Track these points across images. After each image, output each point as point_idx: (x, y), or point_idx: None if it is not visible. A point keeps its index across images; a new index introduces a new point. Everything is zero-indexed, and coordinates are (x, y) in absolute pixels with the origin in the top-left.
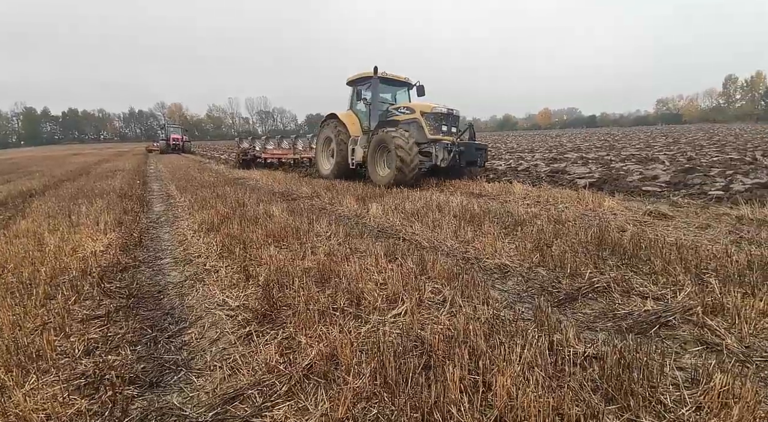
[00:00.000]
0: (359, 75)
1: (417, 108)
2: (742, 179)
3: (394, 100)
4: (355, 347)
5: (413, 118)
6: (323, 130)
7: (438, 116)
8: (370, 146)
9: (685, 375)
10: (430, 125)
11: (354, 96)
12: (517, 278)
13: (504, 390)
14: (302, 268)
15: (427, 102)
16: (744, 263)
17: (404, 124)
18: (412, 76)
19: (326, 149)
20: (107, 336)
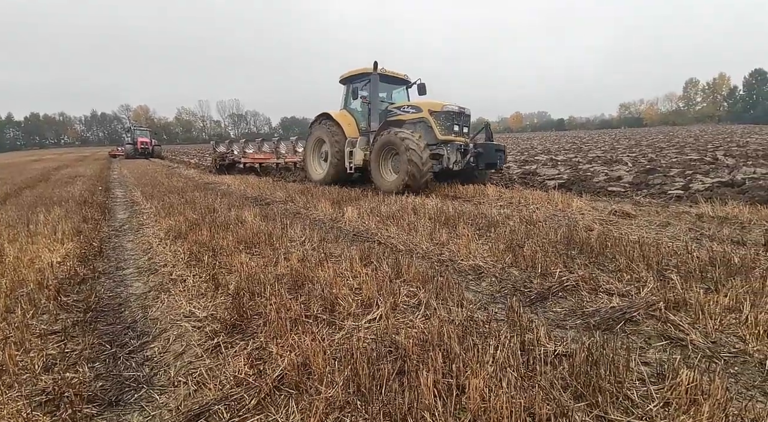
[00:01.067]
0: (355, 71)
1: (425, 106)
2: (702, 179)
3: (390, 99)
4: (329, 355)
5: (420, 117)
6: (314, 131)
7: (449, 115)
8: (373, 149)
9: (650, 369)
10: (440, 125)
11: (349, 94)
12: (491, 279)
13: (477, 392)
14: (275, 275)
15: (435, 100)
16: (706, 259)
17: (410, 124)
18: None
19: (317, 152)
20: (65, 352)
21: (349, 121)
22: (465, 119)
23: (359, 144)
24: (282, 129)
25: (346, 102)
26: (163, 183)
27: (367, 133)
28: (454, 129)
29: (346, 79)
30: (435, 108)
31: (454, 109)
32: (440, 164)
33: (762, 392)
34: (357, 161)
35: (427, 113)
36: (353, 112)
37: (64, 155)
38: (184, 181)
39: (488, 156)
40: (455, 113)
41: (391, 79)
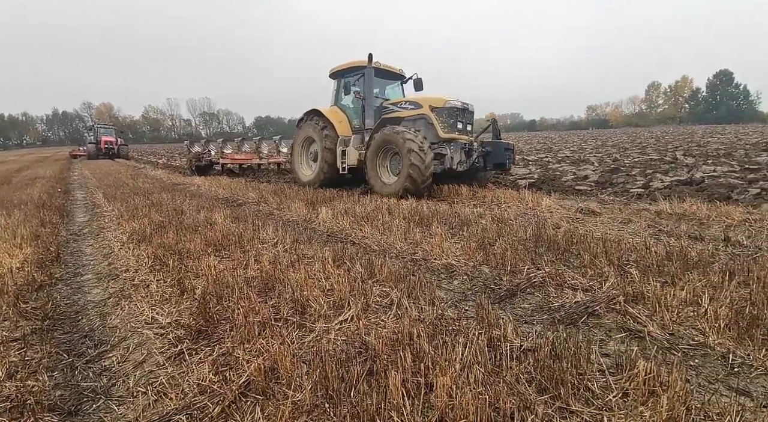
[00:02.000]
0: (347, 65)
1: (425, 102)
2: (661, 178)
3: (384, 95)
4: (298, 358)
5: (420, 114)
6: (302, 129)
7: (452, 112)
8: (369, 148)
9: (610, 361)
10: (442, 122)
11: (340, 90)
12: (463, 277)
13: (444, 390)
14: (244, 278)
15: (436, 95)
16: (663, 254)
17: (408, 121)
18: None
19: (306, 151)
20: (25, 360)
21: (340, 118)
22: (469, 116)
23: (353, 143)
24: (256, 128)
25: (336, 98)
26: (127, 184)
27: (362, 131)
28: (457, 127)
29: (336, 73)
30: (437, 104)
31: (457, 105)
32: (442, 164)
33: (727, 386)
34: (351, 161)
35: (428, 109)
36: (345, 108)
37: (26, 156)
38: (150, 182)
39: (497, 155)
40: (459, 110)
41: (384, 73)
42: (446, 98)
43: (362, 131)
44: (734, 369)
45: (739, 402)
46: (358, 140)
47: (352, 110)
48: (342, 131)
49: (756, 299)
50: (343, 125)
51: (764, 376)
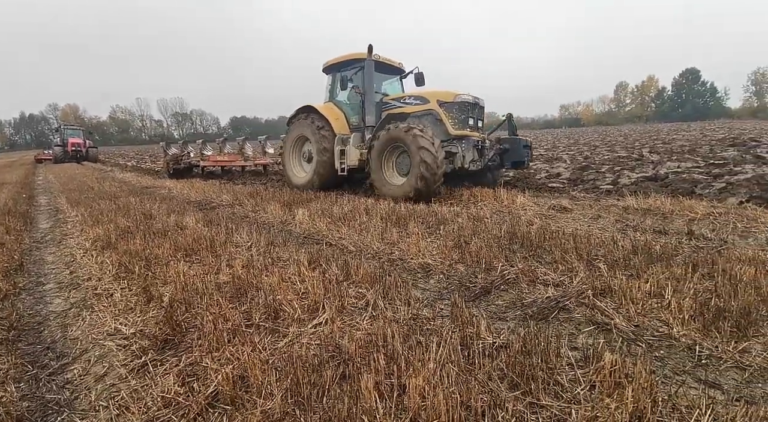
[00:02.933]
0: (344, 57)
1: (432, 97)
2: (628, 174)
3: (380, 90)
4: (270, 365)
5: (428, 109)
6: (294, 128)
7: (464, 107)
8: (373, 147)
9: (578, 354)
10: (453, 118)
11: (336, 84)
12: (439, 276)
13: (417, 391)
14: (216, 283)
15: (445, 89)
16: (629, 248)
17: (414, 118)
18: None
19: (298, 151)
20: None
21: (337, 115)
22: (480, 112)
23: (353, 142)
24: (232, 129)
25: (331, 94)
26: (92, 188)
27: (362, 128)
28: (468, 123)
29: (331, 66)
30: (446, 98)
31: (468, 99)
32: (452, 163)
33: (695, 378)
34: (351, 161)
35: (436, 104)
36: (341, 105)
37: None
38: (118, 185)
39: (516, 153)
40: (470, 104)
41: (383, 67)
42: (456, 92)
43: (362, 128)
44: (702, 360)
45: (710, 395)
46: (358, 138)
47: (350, 106)
48: (339, 129)
49: (721, 291)
50: (340, 122)
51: (735, 369)
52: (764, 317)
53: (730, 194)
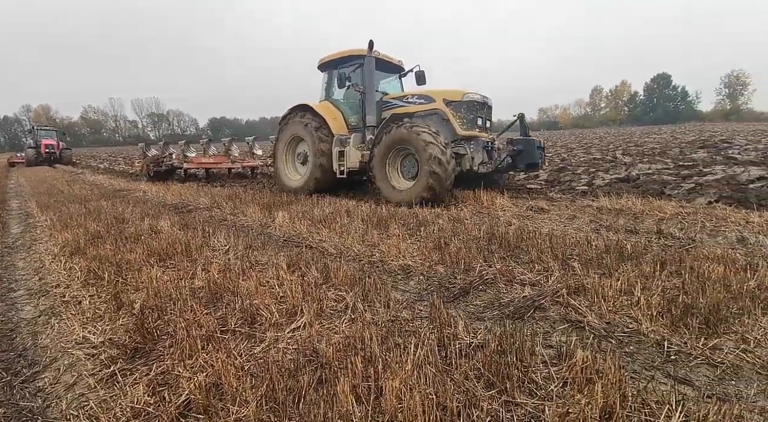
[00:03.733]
0: (342, 54)
1: (438, 96)
2: (602, 176)
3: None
4: (246, 371)
5: (433, 108)
6: (287, 128)
7: (472, 106)
8: (377, 148)
9: (553, 352)
10: (461, 118)
11: (332, 82)
12: (419, 278)
13: (393, 393)
14: (190, 289)
15: (451, 87)
16: (602, 247)
17: (418, 117)
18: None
19: (292, 153)
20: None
21: (334, 114)
22: (488, 111)
23: (353, 142)
24: (211, 130)
25: (327, 92)
26: (63, 191)
27: (361, 129)
28: (477, 123)
29: (328, 63)
30: (453, 97)
31: (477, 98)
32: (459, 165)
33: (664, 373)
34: (352, 164)
35: (442, 103)
36: (338, 104)
37: None
38: (89, 188)
39: (530, 155)
40: (479, 104)
41: (382, 64)
42: (464, 90)
43: (362, 128)
44: (671, 356)
45: (680, 390)
46: (358, 138)
47: (348, 105)
48: (337, 129)
49: (689, 288)
50: (338, 122)
51: (706, 366)
52: (735, 314)
53: (698, 195)
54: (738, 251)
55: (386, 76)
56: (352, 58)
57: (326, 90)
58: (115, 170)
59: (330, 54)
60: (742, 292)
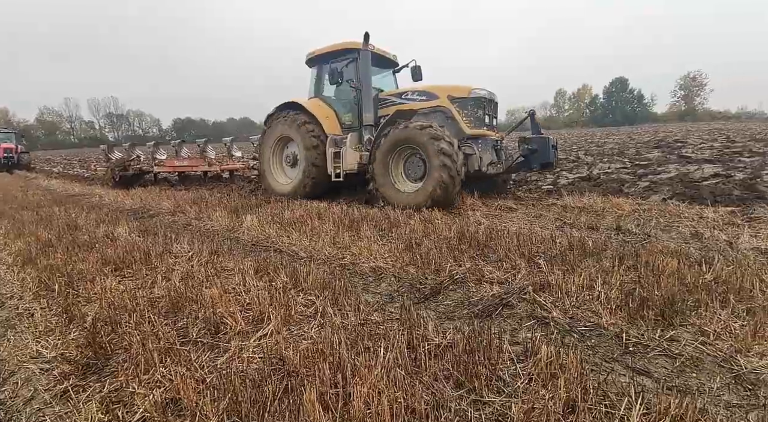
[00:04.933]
0: (334, 47)
1: (441, 92)
2: (566, 175)
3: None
4: (207, 384)
5: (437, 105)
6: (274, 127)
7: (479, 102)
8: (379, 148)
9: (519, 349)
10: (467, 115)
11: (322, 78)
12: (390, 279)
13: (362, 399)
14: (148, 299)
15: (456, 83)
16: (566, 244)
17: (420, 115)
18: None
19: (279, 154)
20: None
21: (326, 113)
22: (494, 108)
23: (350, 143)
24: (175, 131)
25: (317, 89)
26: (17, 198)
27: (358, 128)
28: (485, 121)
29: (317, 58)
30: (458, 93)
31: (484, 94)
32: (465, 166)
33: (623, 365)
34: (349, 166)
35: (446, 99)
36: (329, 101)
37: None
38: (42, 194)
39: (545, 154)
40: (486, 100)
41: (375, 59)
42: (470, 86)
43: (358, 128)
44: (629, 348)
45: (639, 382)
46: (355, 138)
47: (341, 103)
48: (330, 129)
49: (645, 282)
50: (331, 121)
51: (664, 357)
52: (691, 307)
53: (653, 192)
54: (692, 246)
55: (380, 72)
56: (346, 51)
57: (316, 87)
58: (70, 174)
59: (320, 47)
60: (697, 285)
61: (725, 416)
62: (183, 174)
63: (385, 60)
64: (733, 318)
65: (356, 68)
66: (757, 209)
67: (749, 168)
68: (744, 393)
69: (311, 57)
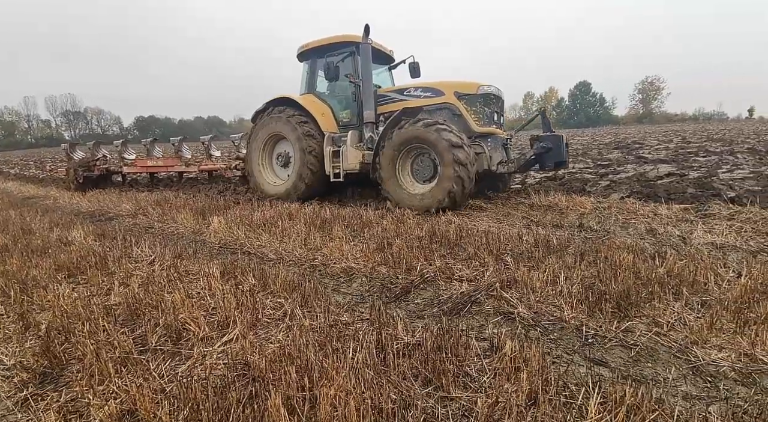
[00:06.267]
0: (330, 40)
1: (447, 88)
2: (534, 175)
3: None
4: (167, 393)
5: (443, 102)
6: (264, 124)
7: (488, 99)
8: (386, 148)
9: (486, 344)
10: (476, 113)
11: (315, 73)
12: (362, 279)
13: (329, 401)
14: (104, 307)
15: (462, 79)
16: (532, 242)
17: (425, 112)
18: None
19: (269, 154)
20: None
21: (322, 109)
22: (501, 106)
23: (350, 141)
24: (138, 130)
25: (310, 84)
26: None
27: (355, 125)
28: (494, 119)
29: (311, 51)
30: (466, 90)
31: (493, 91)
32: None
33: (583, 356)
34: (350, 165)
35: (453, 96)
36: (324, 97)
37: None
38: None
39: (558, 152)
40: (494, 97)
41: (373, 54)
42: (478, 82)
43: (356, 125)
44: (588, 340)
45: (597, 372)
46: (355, 136)
47: (337, 99)
48: (327, 127)
49: (603, 276)
50: (327, 118)
51: (620, 347)
52: (644, 299)
53: (613, 191)
54: (647, 241)
55: (376, 68)
56: (342, 44)
57: (308, 82)
58: (26, 175)
59: (314, 40)
60: (651, 278)
61: (684, 407)
62: (155, 175)
63: (381, 55)
64: (687, 310)
65: (354, 63)
66: (712, 206)
67: (704, 167)
68: (704, 385)
69: (303, 51)
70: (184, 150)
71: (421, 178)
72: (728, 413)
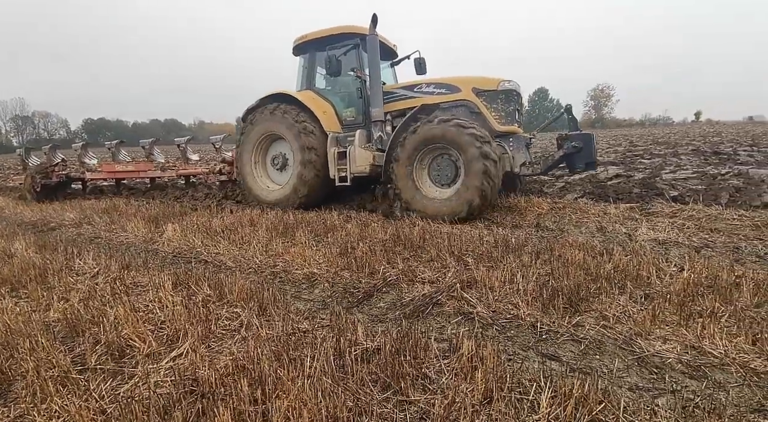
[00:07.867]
0: (331, 31)
1: (465, 84)
2: None
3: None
4: (108, 415)
5: (460, 99)
6: (256, 124)
7: (510, 96)
8: (401, 148)
9: (445, 345)
10: (496, 111)
11: (314, 68)
12: (324, 285)
13: (282, 414)
14: (43, 323)
15: (481, 75)
16: (492, 242)
17: (441, 110)
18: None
19: (263, 156)
20: None
21: (324, 107)
22: (521, 102)
23: (358, 141)
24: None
25: (308, 80)
26: None
27: (362, 124)
28: (515, 117)
29: (308, 44)
30: (485, 86)
31: (514, 87)
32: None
33: (537, 352)
34: (359, 167)
35: (471, 92)
36: (325, 94)
37: None
38: None
39: (589, 152)
40: (516, 93)
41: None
42: (498, 78)
43: (363, 124)
44: (542, 336)
45: (550, 366)
46: (363, 136)
47: (339, 96)
48: (329, 126)
49: (556, 273)
50: (329, 116)
51: (571, 342)
52: (593, 294)
53: (568, 192)
54: (597, 239)
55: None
56: (344, 37)
57: (307, 78)
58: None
59: (312, 32)
60: (599, 274)
61: (631, 398)
62: (122, 182)
63: (385, 49)
64: (631, 303)
65: (359, 56)
66: (655, 204)
67: (649, 169)
68: (650, 376)
69: (300, 43)
70: (156, 154)
71: (439, 182)
72: (677, 406)
